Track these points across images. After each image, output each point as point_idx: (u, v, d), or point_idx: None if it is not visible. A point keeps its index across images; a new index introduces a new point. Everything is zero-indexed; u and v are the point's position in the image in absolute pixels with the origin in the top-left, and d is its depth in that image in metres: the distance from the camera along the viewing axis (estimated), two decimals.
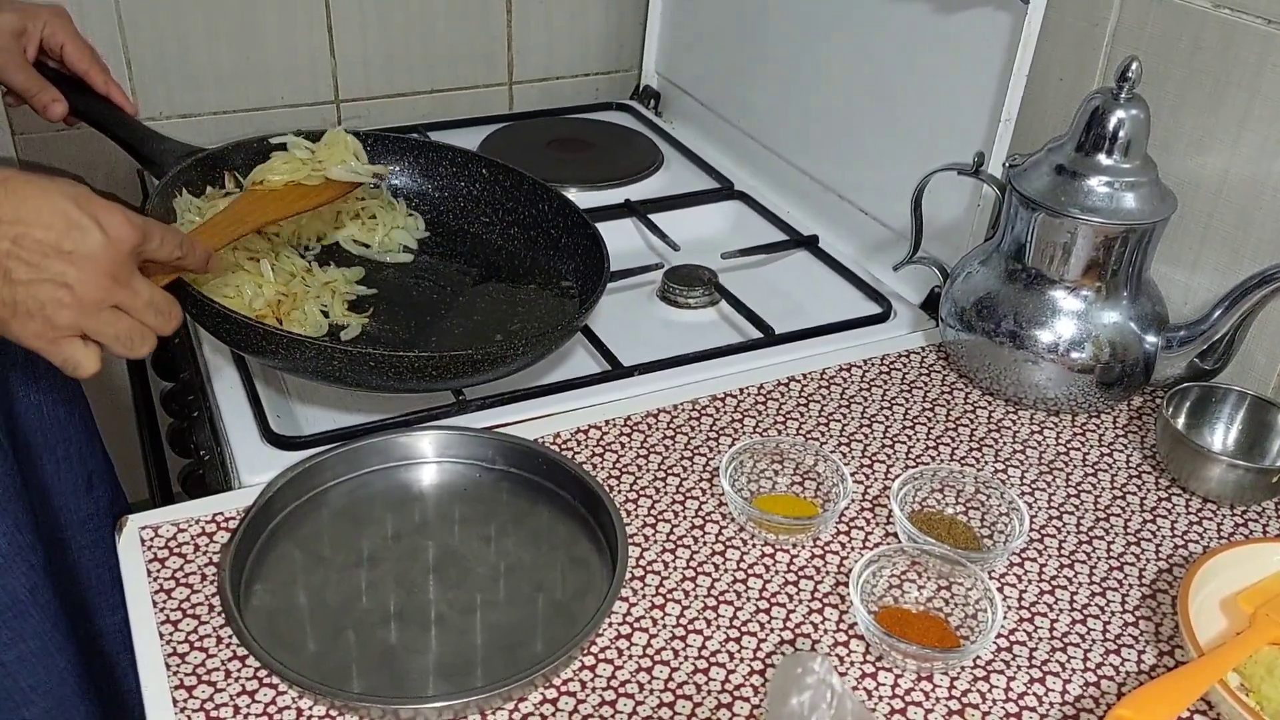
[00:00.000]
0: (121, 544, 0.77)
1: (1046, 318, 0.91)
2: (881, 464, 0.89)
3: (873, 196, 1.17)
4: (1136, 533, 0.83)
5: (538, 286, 1.04)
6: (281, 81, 1.43)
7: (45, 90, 0.99)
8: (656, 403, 0.93)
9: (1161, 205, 0.88)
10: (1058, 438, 0.93)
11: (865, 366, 1.00)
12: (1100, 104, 0.87)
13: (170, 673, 0.68)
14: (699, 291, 1.11)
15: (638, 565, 0.78)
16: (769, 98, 1.31)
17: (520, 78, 1.57)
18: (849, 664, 0.72)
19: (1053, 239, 0.89)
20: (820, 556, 0.80)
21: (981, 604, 0.74)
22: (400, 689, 0.69)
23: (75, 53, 1.01)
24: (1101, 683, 0.71)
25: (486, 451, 0.85)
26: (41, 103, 0.99)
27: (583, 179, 1.30)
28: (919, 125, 1.09)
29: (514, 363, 0.88)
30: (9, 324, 0.68)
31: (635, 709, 0.68)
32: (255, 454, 0.86)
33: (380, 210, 1.06)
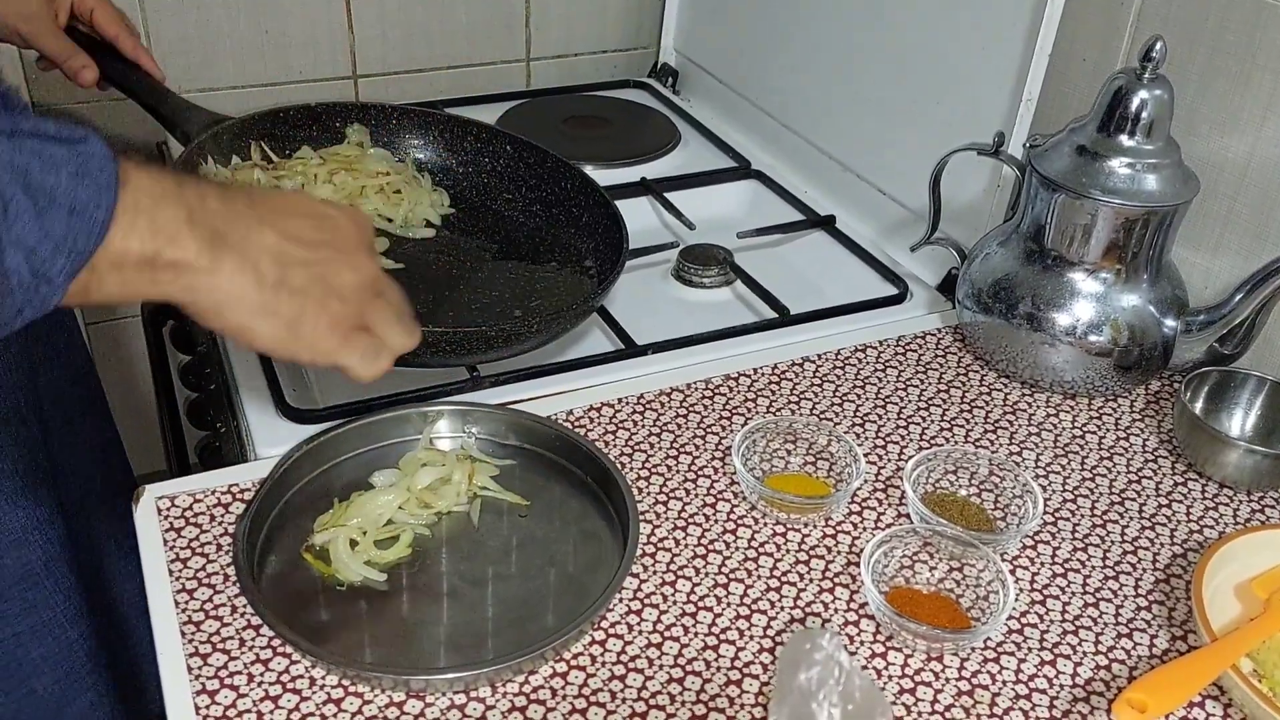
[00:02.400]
0: (138, 514, 0.78)
1: (1065, 300, 0.90)
2: (895, 445, 0.88)
3: (891, 177, 1.16)
4: (1151, 517, 0.83)
5: (557, 264, 1.04)
6: (300, 56, 1.43)
7: (76, 56, 0.99)
8: (670, 381, 0.93)
9: (1184, 188, 0.87)
10: (1074, 421, 0.92)
11: (880, 348, 0.99)
12: (1123, 84, 0.86)
13: (185, 640, 0.69)
14: (714, 271, 1.11)
15: (649, 542, 0.78)
16: (788, 76, 1.31)
17: (538, 54, 1.57)
18: (859, 643, 0.72)
19: (1073, 221, 0.89)
20: (832, 536, 0.80)
21: (993, 586, 0.74)
22: (412, 660, 0.69)
23: (105, 18, 1.01)
24: (1113, 666, 0.71)
25: (500, 427, 0.85)
26: (72, 68, 0.99)
27: (599, 156, 1.30)
28: (939, 105, 1.08)
29: (529, 340, 0.88)
30: (300, 324, 0.61)
31: (645, 684, 0.68)
32: (271, 427, 0.86)
33: (405, 186, 1.06)
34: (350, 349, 0.65)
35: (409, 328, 0.68)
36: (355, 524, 0.76)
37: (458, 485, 0.79)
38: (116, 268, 0.54)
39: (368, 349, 0.65)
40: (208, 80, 1.40)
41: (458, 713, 0.66)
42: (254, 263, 0.59)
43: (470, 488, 0.80)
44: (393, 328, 0.67)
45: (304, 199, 0.66)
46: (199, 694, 0.66)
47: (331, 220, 0.65)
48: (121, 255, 0.53)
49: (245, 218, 0.59)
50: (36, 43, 0.98)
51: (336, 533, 0.75)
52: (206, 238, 0.56)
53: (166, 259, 0.55)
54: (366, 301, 0.65)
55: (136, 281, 0.55)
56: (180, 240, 0.55)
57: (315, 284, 0.62)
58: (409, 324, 0.69)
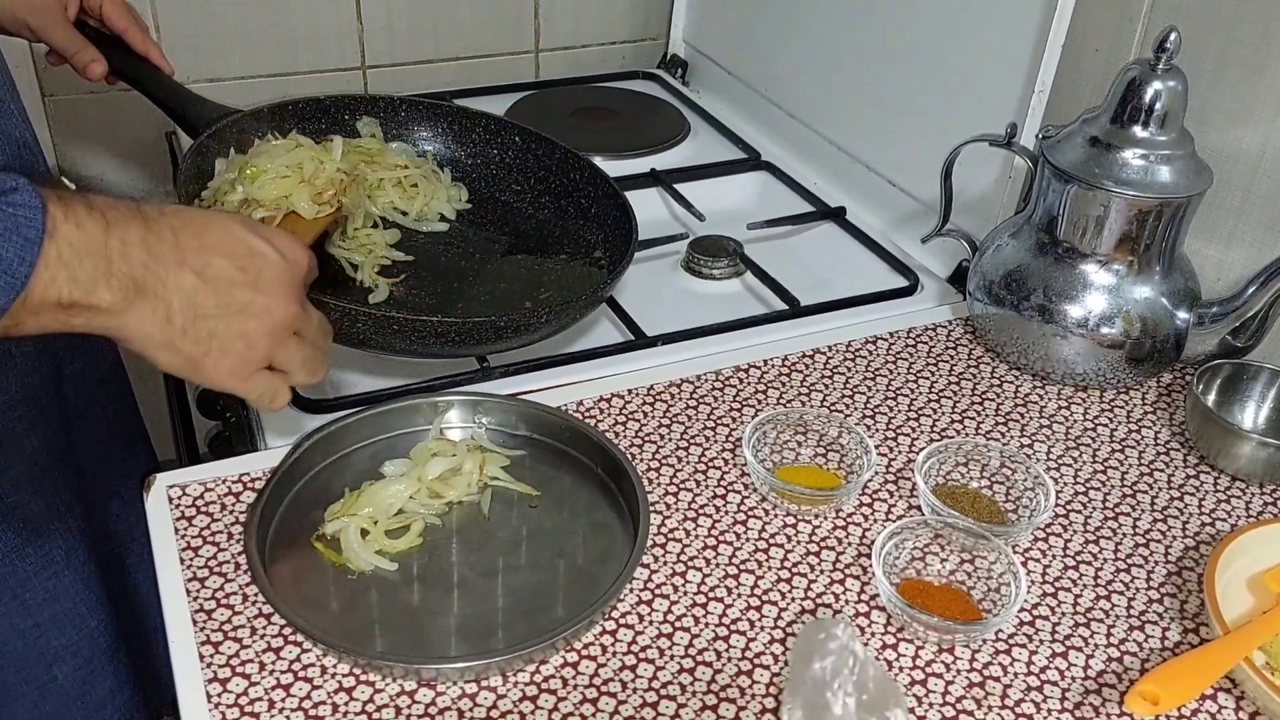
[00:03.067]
0: (149, 502, 0.78)
1: (1077, 292, 0.90)
2: (906, 437, 0.88)
3: (902, 168, 1.16)
4: (1163, 510, 0.83)
5: (567, 256, 1.04)
6: (307, 47, 1.43)
7: (85, 50, 0.99)
8: (679, 373, 0.93)
9: (1197, 179, 0.87)
10: (1085, 413, 0.92)
11: (891, 340, 0.99)
12: (1137, 75, 0.86)
13: (197, 629, 0.69)
14: (724, 262, 1.11)
15: (659, 533, 0.78)
16: (798, 67, 1.30)
17: (546, 46, 1.56)
18: (870, 634, 0.72)
19: (1085, 212, 0.88)
20: (843, 528, 0.80)
21: (1005, 578, 0.74)
22: (422, 650, 0.69)
23: (115, 12, 1.01)
24: (1125, 658, 0.71)
25: (510, 418, 0.85)
26: (81, 62, 0.99)
27: (608, 148, 1.30)
28: (951, 96, 1.08)
29: (538, 331, 0.88)
30: (201, 364, 0.65)
31: (655, 674, 0.68)
32: (281, 417, 0.86)
33: (423, 180, 1.06)
34: (249, 387, 0.68)
35: (314, 367, 0.71)
36: (366, 514, 0.76)
37: (468, 475, 0.79)
38: (34, 314, 0.57)
39: (266, 388, 0.69)
40: (215, 71, 1.40)
41: (469, 701, 0.66)
42: (166, 305, 0.62)
43: (480, 478, 0.80)
44: (297, 369, 0.70)
45: (237, 232, 0.66)
46: (210, 682, 0.66)
47: (259, 259, 0.66)
48: (40, 304, 0.57)
49: (166, 261, 0.61)
50: (46, 36, 0.98)
51: (348, 522, 0.75)
52: (122, 288, 0.59)
53: (82, 304, 0.58)
54: (277, 344, 0.67)
55: (52, 323, 0.58)
56: (97, 291, 0.58)
57: (223, 330, 0.64)
58: (315, 363, 0.71)
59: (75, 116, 1.36)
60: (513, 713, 0.65)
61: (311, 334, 0.70)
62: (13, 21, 0.98)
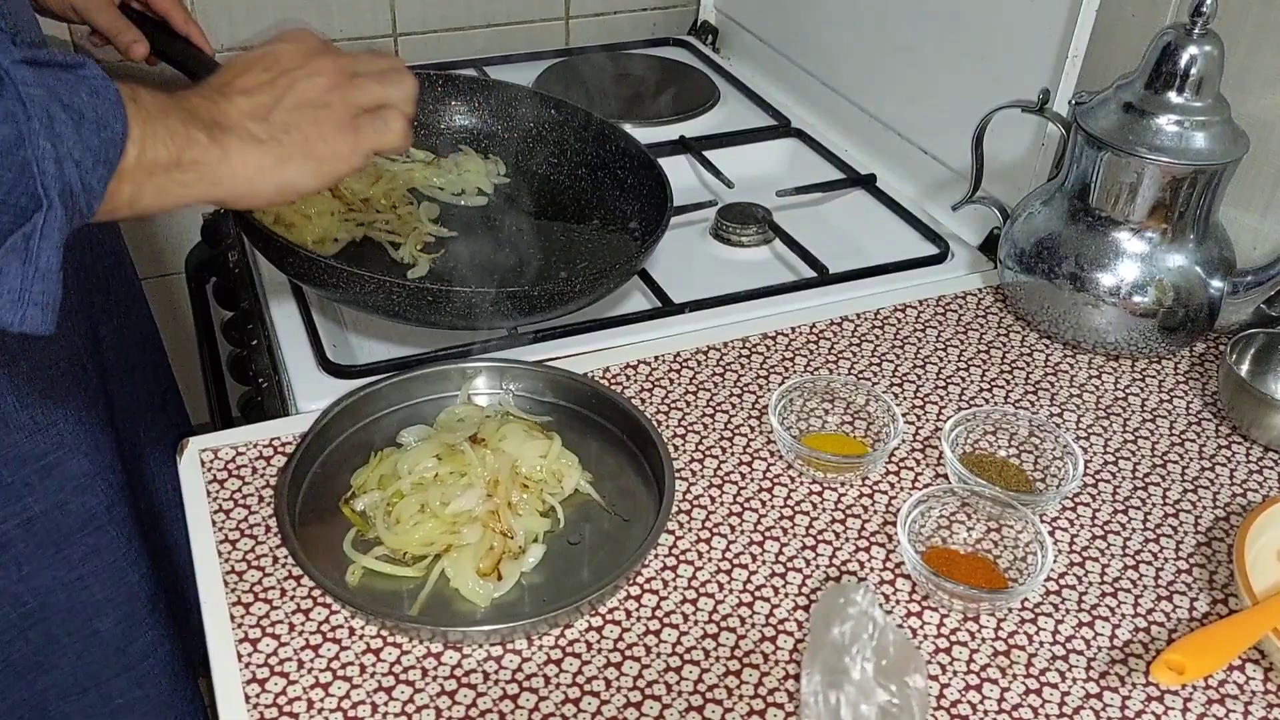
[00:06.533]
0: (182, 465, 0.79)
1: (1109, 260, 0.89)
2: (934, 405, 0.88)
3: (933, 135, 1.15)
4: (1194, 480, 0.82)
5: (602, 227, 1.04)
6: (341, 14, 1.43)
7: (128, 31, 1.01)
8: (707, 340, 0.93)
9: (1233, 146, 0.85)
10: (1116, 382, 0.91)
11: (920, 307, 0.99)
12: (1172, 40, 0.84)
13: (228, 590, 0.70)
14: (752, 230, 1.10)
15: (685, 499, 0.78)
16: (829, 33, 1.29)
17: (577, 12, 1.56)
18: (895, 602, 0.72)
19: (1119, 179, 0.87)
20: (869, 495, 0.80)
21: (1031, 547, 0.73)
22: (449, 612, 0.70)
23: None
24: (1152, 629, 0.71)
25: (537, 384, 0.86)
26: (124, 43, 1.01)
27: (638, 115, 1.29)
28: (983, 62, 1.07)
29: (571, 302, 0.88)
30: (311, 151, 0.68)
31: (679, 639, 0.69)
32: (312, 382, 0.87)
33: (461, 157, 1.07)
34: (365, 134, 0.71)
35: (398, 78, 0.74)
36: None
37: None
38: (150, 175, 0.60)
39: (376, 124, 0.72)
40: (250, 37, 1.40)
41: (494, 664, 0.67)
42: (243, 129, 0.66)
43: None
44: (384, 89, 0.73)
45: (243, 56, 0.71)
46: (241, 642, 0.67)
47: (269, 54, 0.70)
48: (153, 163, 0.60)
49: (215, 100, 0.66)
50: (90, 17, 1.00)
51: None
52: (208, 130, 0.63)
53: (189, 158, 0.62)
54: (345, 89, 0.71)
55: (170, 186, 0.62)
56: (193, 137, 0.62)
57: (295, 112, 0.68)
58: (396, 75, 0.74)
59: None
60: (537, 675, 0.66)
61: (375, 64, 0.74)
62: (59, 4, 0.99)
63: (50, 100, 0.54)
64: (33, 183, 0.54)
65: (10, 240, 0.55)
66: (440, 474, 0.76)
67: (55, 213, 0.55)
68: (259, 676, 0.65)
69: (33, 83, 0.54)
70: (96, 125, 0.56)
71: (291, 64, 0.69)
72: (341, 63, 0.71)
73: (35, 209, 0.55)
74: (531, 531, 0.74)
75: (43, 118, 0.54)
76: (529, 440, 0.78)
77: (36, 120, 0.53)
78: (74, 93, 0.56)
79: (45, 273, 0.56)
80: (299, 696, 0.64)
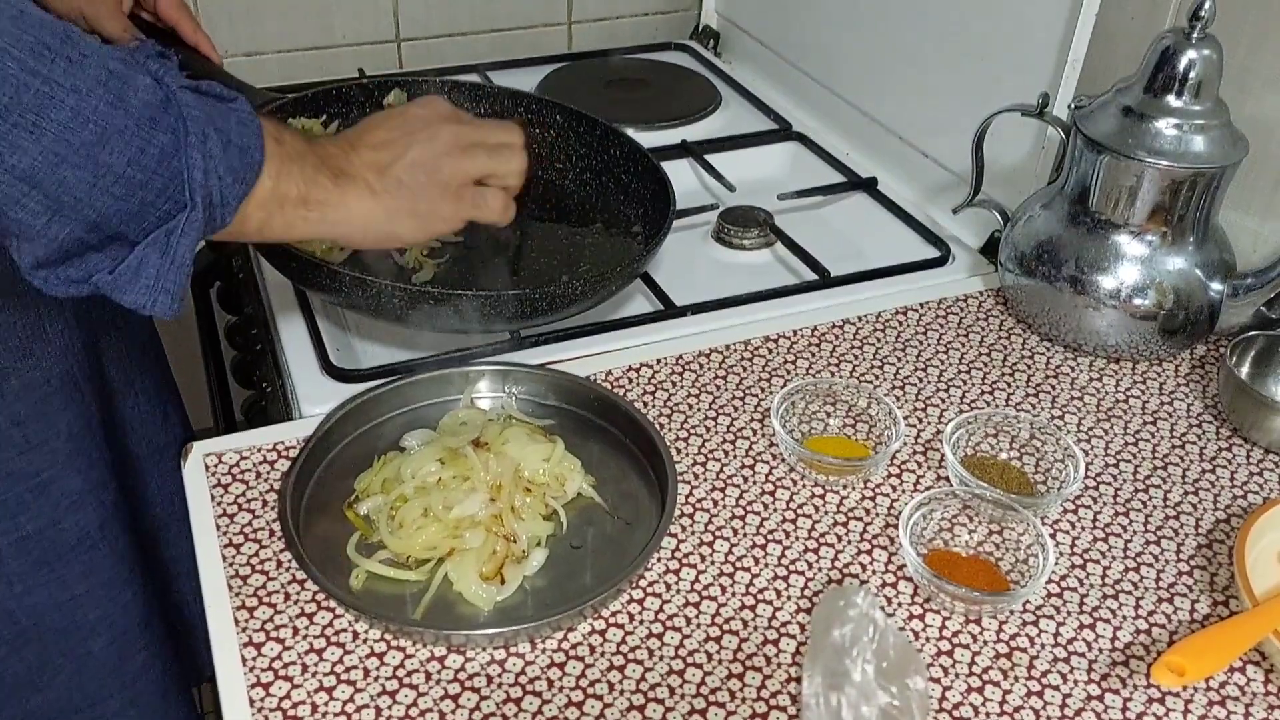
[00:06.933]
0: (186, 469, 0.80)
1: (1109, 263, 0.89)
2: (935, 408, 0.88)
3: (934, 138, 1.15)
4: (1195, 482, 0.82)
5: (606, 230, 1.04)
6: (344, 20, 1.44)
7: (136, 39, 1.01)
8: (709, 342, 0.93)
9: (1232, 149, 0.86)
10: (1117, 385, 0.91)
11: (921, 310, 0.99)
12: (1171, 44, 0.85)
13: (232, 594, 0.71)
14: (754, 233, 1.11)
15: (687, 502, 0.79)
16: (830, 38, 1.29)
17: (579, 17, 1.56)
18: (897, 605, 0.72)
19: (1118, 182, 0.87)
20: (871, 498, 0.80)
21: (1033, 549, 0.74)
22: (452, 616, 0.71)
23: (168, 3, 1.04)
24: (1153, 630, 0.71)
25: (539, 387, 0.86)
26: None
27: (640, 119, 1.30)
28: (983, 66, 1.07)
29: (574, 305, 0.89)
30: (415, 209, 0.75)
31: (682, 642, 0.69)
32: (315, 386, 0.87)
33: None
34: (465, 203, 0.78)
35: (508, 155, 0.81)
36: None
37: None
38: (280, 206, 0.68)
39: (478, 197, 0.79)
40: (254, 44, 1.41)
41: (497, 668, 0.67)
42: (364, 180, 0.73)
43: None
44: (493, 163, 0.80)
45: (379, 113, 0.80)
46: (245, 646, 0.68)
47: (400, 115, 0.78)
48: (284, 195, 0.68)
49: (344, 150, 0.74)
50: (99, 25, 1.01)
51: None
52: (334, 175, 0.71)
53: (315, 198, 0.70)
54: (458, 158, 0.77)
55: (295, 219, 0.70)
56: (320, 182, 0.70)
57: (409, 172, 0.75)
58: (507, 152, 0.81)
59: None
60: (540, 679, 0.66)
61: (492, 138, 0.81)
62: (69, 12, 1.00)
63: (206, 122, 0.62)
64: (182, 187, 0.62)
65: (153, 235, 0.62)
66: (443, 478, 0.76)
67: (196, 214, 0.63)
68: (263, 680, 0.66)
69: (194, 105, 0.62)
70: (240, 150, 0.64)
71: (416, 126, 0.77)
72: (461, 132, 0.78)
73: (180, 210, 0.62)
74: (534, 535, 0.75)
75: (198, 134, 0.62)
76: (532, 444, 0.79)
77: (193, 135, 0.61)
78: (225, 119, 0.64)
79: (180, 266, 0.64)
80: (303, 700, 0.65)
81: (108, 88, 0.58)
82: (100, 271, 0.63)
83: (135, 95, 0.60)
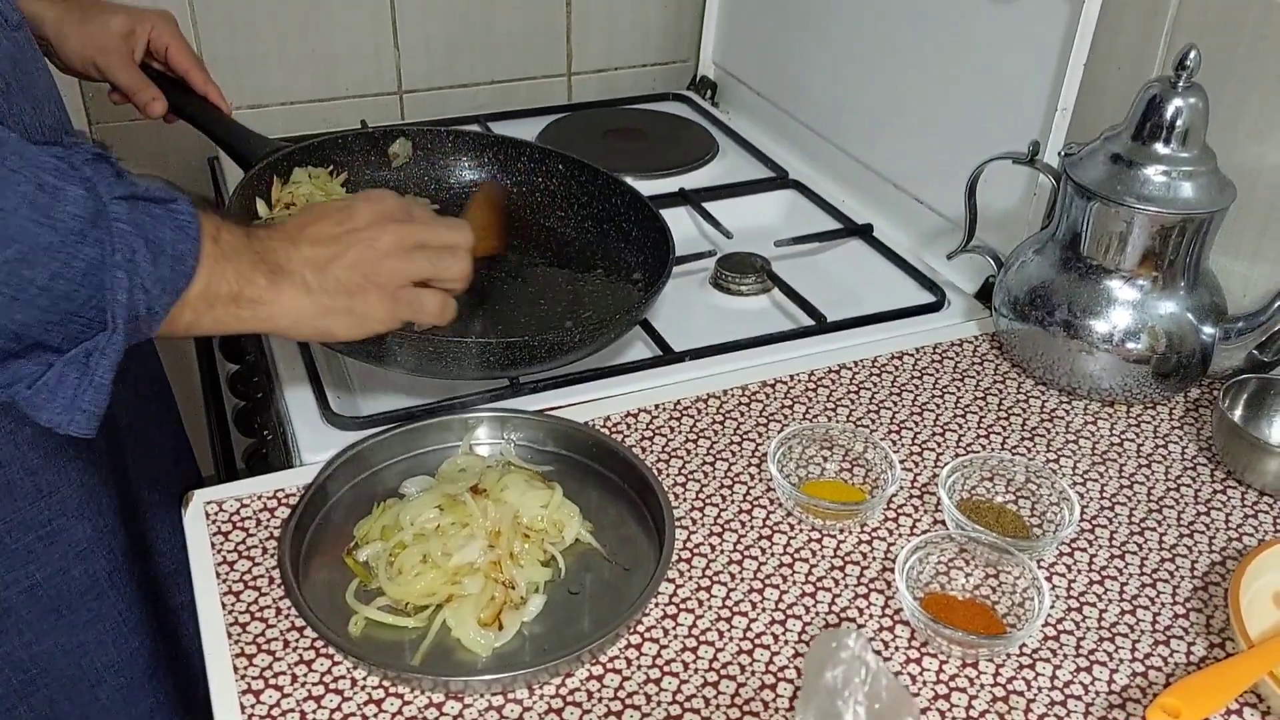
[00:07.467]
0: (187, 517, 0.80)
1: (1102, 307, 0.90)
2: (931, 452, 0.89)
3: (929, 186, 1.17)
4: (1190, 525, 0.83)
5: (606, 277, 1.06)
6: (347, 72, 1.46)
7: (147, 89, 1.04)
8: (707, 388, 0.94)
9: (1220, 195, 0.87)
10: (1111, 428, 0.92)
11: (917, 355, 1.00)
12: (1158, 92, 0.86)
13: (232, 641, 0.71)
14: (751, 279, 1.12)
15: (685, 547, 0.79)
16: (825, 88, 1.31)
17: (579, 69, 1.59)
18: (894, 649, 0.72)
19: (1108, 228, 0.89)
20: (868, 542, 0.80)
21: (1029, 592, 0.74)
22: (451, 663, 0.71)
23: (178, 54, 1.06)
24: (1149, 673, 0.71)
25: (538, 434, 0.87)
26: (142, 100, 1.04)
27: (638, 168, 1.31)
28: (976, 115, 1.09)
29: (574, 351, 0.90)
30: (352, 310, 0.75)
31: (680, 687, 0.69)
32: (316, 433, 0.88)
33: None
34: (402, 306, 0.77)
35: (451, 259, 0.79)
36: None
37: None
38: (210, 305, 0.68)
39: (415, 300, 0.78)
40: (258, 96, 1.43)
41: (495, 714, 0.67)
42: (300, 277, 0.72)
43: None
44: (435, 267, 0.78)
45: (324, 204, 0.78)
46: (244, 693, 0.68)
47: (349, 209, 0.77)
48: (215, 295, 0.68)
49: (285, 244, 0.73)
50: (111, 76, 1.03)
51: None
52: (270, 272, 0.71)
53: (247, 296, 0.70)
54: (398, 260, 0.76)
55: (225, 318, 0.69)
56: (255, 280, 0.70)
57: (347, 271, 0.74)
58: (450, 256, 0.80)
59: (121, 143, 1.40)
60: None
61: (437, 239, 0.79)
62: (81, 61, 1.02)
63: (135, 235, 0.62)
64: (103, 303, 0.61)
65: (73, 353, 0.63)
66: (442, 525, 0.76)
67: (118, 337, 0.63)
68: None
69: (125, 218, 0.62)
70: (173, 259, 0.64)
71: (361, 224, 0.76)
72: (405, 232, 0.77)
73: (101, 328, 0.62)
74: (533, 581, 0.75)
75: (125, 250, 0.61)
76: (530, 490, 0.79)
77: (119, 253, 0.61)
78: (160, 227, 0.64)
79: (99, 386, 0.64)
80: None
81: (35, 205, 0.58)
82: (18, 384, 0.62)
83: (64, 209, 0.59)
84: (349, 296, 0.74)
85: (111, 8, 1.04)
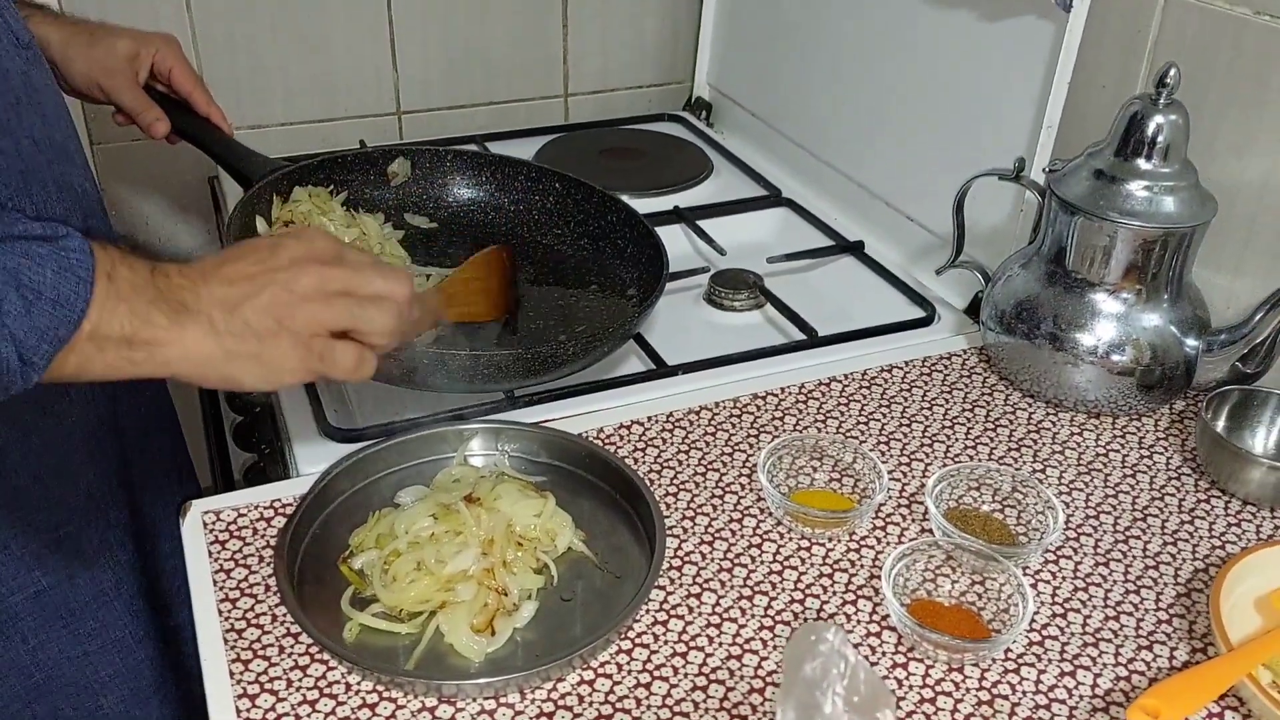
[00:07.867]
0: (185, 527, 0.81)
1: (1087, 320, 0.91)
2: (920, 462, 0.90)
3: (919, 203, 1.19)
4: (1174, 533, 0.84)
5: (601, 293, 1.07)
6: (346, 94, 1.48)
7: (150, 110, 1.06)
8: (699, 400, 0.95)
9: (1201, 209, 0.89)
10: (1097, 439, 0.93)
11: (906, 368, 1.01)
12: (1139, 109, 0.88)
13: (228, 647, 0.72)
14: (744, 294, 1.13)
15: (676, 555, 0.80)
16: (818, 108, 1.33)
17: (576, 90, 1.61)
18: (881, 654, 0.73)
19: (1092, 242, 0.90)
20: (856, 550, 0.81)
21: (1014, 598, 0.75)
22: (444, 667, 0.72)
23: (182, 76, 1.08)
24: (1132, 677, 0.72)
25: (532, 445, 0.88)
26: (146, 121, 1.06)
27: (633, 186, 1.33)
28: (963, 133, 1.11)
29: (568, 365, 0.91)
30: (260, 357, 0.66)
31: (669, 691, 0.70)
32: (313, 446, 0.89)
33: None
34: (314, 357, 0.68)
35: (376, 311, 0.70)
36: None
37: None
38: (100, 350, 0.62)
39: (329, 352, 0.68)
40: (258, 118, 1.45)
41: (487, 718, 0.68)
42: (208, 317, 0.65)
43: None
44: (355, 318, 0.69)
45: (251, 241, 0.70)
46: (240, 698, 0.69)
47: (270, 248, 0.68)
48: (105, 339, 0.61)
49: (194, 282, 0.65)
50: (115, 97, 1.05)
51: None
52: (172, 312, 0.63)
53: (142, 338, 0.62)
54: (317, 307, 0.67)
55: (117, 361, 0.63)
56: (153, 319, 0.63)
57: (258, 315, 0.66)
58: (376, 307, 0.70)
59: (123, 163, 1.42)
60: None
61: (366, 288, 0.69)
62: (86, 83, 1.04)
63: (6, 280, 0.58)
64: None
65: None
66: (436, 533, 0.77)
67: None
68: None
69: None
70: (54, 303, 0.59)
71: (281, 264, 0.67)
72: (330, 276, 0.68)
73: None
74: (525, 588, 0.76)
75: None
76: (523, 499, 0.80)
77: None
78: (40, 270, 0.59)
79: None
80: None
81: None
82: None
83: None
84: (258, 341, 0.66)
85: (117, 31, 1.06)
